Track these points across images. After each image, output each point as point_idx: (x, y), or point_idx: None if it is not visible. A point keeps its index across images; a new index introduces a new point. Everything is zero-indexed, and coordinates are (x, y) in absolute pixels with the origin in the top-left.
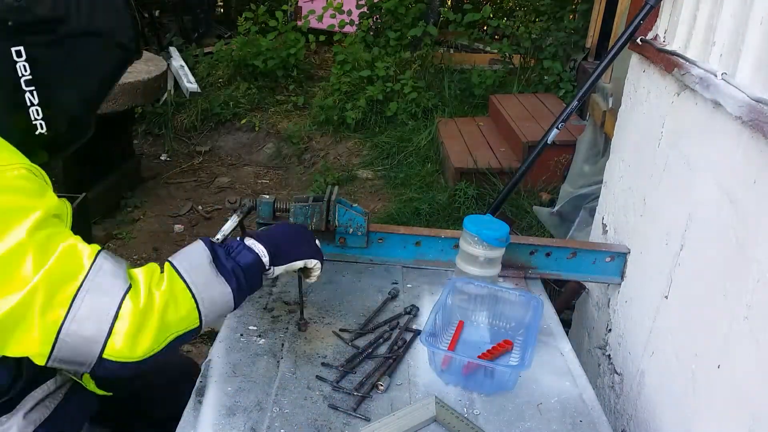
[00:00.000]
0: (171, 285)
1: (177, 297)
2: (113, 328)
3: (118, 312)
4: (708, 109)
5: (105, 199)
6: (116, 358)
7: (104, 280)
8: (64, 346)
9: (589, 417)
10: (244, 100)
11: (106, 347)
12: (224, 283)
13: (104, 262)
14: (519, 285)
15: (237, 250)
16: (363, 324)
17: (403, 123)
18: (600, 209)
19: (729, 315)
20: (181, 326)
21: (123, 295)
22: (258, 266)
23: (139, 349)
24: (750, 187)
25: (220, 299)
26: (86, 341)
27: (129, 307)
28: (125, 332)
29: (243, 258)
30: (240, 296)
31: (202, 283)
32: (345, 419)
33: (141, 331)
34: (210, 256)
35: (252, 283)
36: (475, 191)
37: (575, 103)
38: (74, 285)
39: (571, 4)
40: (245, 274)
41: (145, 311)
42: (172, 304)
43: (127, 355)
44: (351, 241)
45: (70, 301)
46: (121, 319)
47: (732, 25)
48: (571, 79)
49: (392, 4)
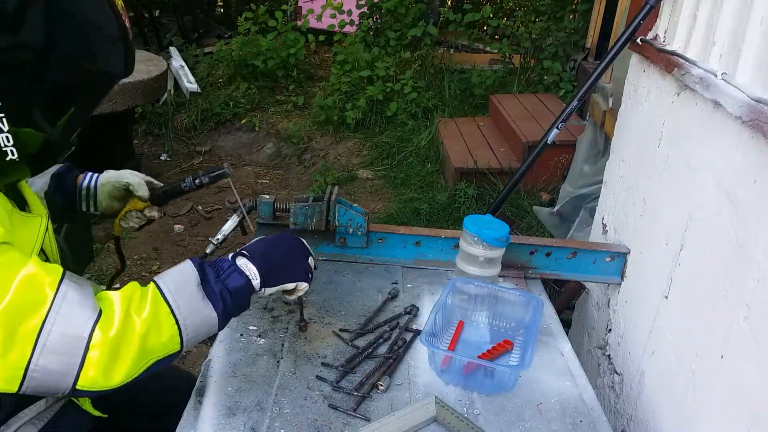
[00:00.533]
0: (155, 309)
1: (160, 323)
2: (85, 359)
3: (89, 343)
4: (708, 109)
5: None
6: (90, 387)
7: (71, 310)
8: (33, 381)
9: (589, 417)
10: (244, 100)
11: (80, 379)
12: (210, 308)
13: (68, 290)
14: (519, 285)
15: (227, 272)
16: (363, 324)
17: (403, 123)
18: (600, 209)
19: (729, 315)
20: (162, 351)
21: (93, 324)
22: (247, 289)
23: (116, 378)
24: (750, 187)
25: (205, 324)
26: (57, 375)
27: (99, 337)
28: (97, 362)
29: (233, 281)
30: (225, 320)
31: (188, 308)
32: (345, 419)
33: (116, 360)
34: (198, 278)
35: (239, 306)
36: (475, 191)
37: (575, 103)
38: (38, 318)
39: (571, 4)
40: (233, 298)
41: (119, 338)
42: (155, 331)
43: (102, 384)
44: (351, 241)
45: (35, 336)
46: (93, 349)
47: (732, 25)
48: (571, 79)
49: (392, 4)
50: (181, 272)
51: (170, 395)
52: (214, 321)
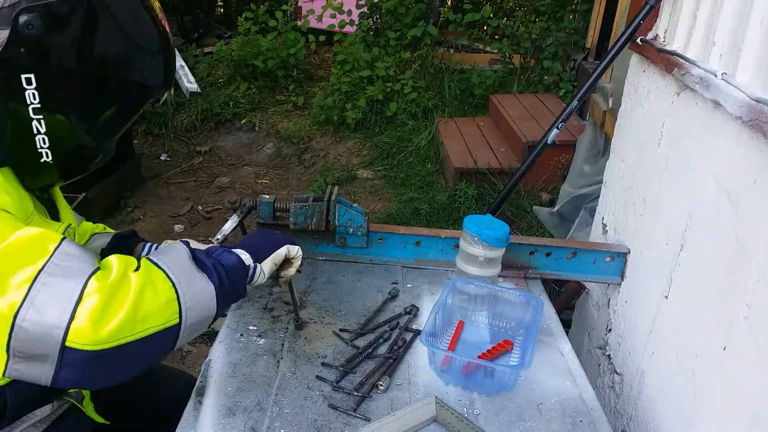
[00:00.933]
0: (148, 271)
1: (155, 282)
2: (76, 310)
3: (82, 293)
4: (708, 109)
5: (105, 199)
6: (80, 344)
7: (69, 263)
8: (21, 333)
9: (589, 417)
10: (244, 100)
11: (69, 332)
12: (206, 280)
13: (68, 246)
14: (519, 285)
15: (217, 252)
16: (363, 324)
17: (403, 123)
18: (600, 209)
19: (729, 315)
20: (160, 319)
21: (89, 275)
22: (241, 268)
23: (103, 329)
24: (750, 187)
25: (202, 296)
26: (46, 328)
27: (94, 285)
28: (90, 309)
29: (224, 258)
30: (222, 297)
31: (183, 276)
32: (345, 419)
33: (107, 308)
34: (189, 253)
35: (235, 285)
36: (475, 191)
37: (575, 103)
38: (34, 268)
39: (571, 4)
40: (227, 273)
41: (116, 288)
42: (150, 289)
43: (91, 337)
44: (351, 241)
45: (28, 285)
46: (86, 298)
47: (732, 25)
48: (571, 79)
49: (392, 4)
50: (171, 249)
51: (172, 402)
52: (211, 294)
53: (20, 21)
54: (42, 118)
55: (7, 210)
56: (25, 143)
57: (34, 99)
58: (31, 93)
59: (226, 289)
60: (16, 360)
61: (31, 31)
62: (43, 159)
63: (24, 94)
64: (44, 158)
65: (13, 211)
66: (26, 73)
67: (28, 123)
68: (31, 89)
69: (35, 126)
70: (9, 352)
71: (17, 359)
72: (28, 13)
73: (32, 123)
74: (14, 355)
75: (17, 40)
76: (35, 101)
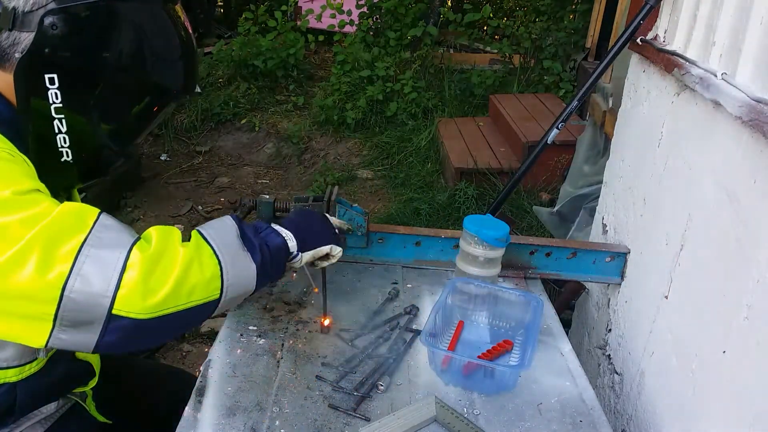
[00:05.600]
0: (198, 245)
1: (202, 258)
2: (122, 279)
3: (126, 263)
4: (708, 109)
5: (105, 199)
6: (127, 311)
7: (110, 235)
8: (69, 303)
9: (589, 417)
10: (244, 100)
11: (116, 300)
12: (249, 259)
13: (106, 219)
14: (519, 285)
15: (266, 231)
16: (363, 324)
17: (403, 123)
18: (600, 209)
19: (729, 315)
20: (203, 293)
21: (131, 246)
22: (284, 251)
23: (151, 299)
24: (750, 187)
25: (244, 274)
26: (93, 296)
27: (137, 256)
28: (135, 279)
29: (271, 239)
30: (262, 276)
31: (229, 254)
32: (345, 419)
33: (152, 278)
34: (238, 230)
35: (276, 266)
36: (475, 191)
37: (575, 103)
38: (77, 240)
39: (571, 4)
40: (272, 255)
41: (158, 258)
42: (197, 263)
43: (139, 304)
44: (351, 241)
45: (73, 256)
46: (130, 268)
47: (732, 25)
48: (571, 79)
49: (392, 4)
50: (222, 222)
51: (172, 402)
52: (252, 273)
53: (45, 22)
54: (63, 118)
55: (40, 190)
56: (47, 141)
57: (57, 98)
58: (53, 92)
59: (267, 269)
60: (61, 329)
61: (55, 32)
62: (63, 158)
63: (47, 93)
64: (65, 157)
65: (44, 192)
66: (49, 72)
67: (50, 121)
68: (53, 89)
69: (57, 125)
70: (56, 321)
71: (63, 328)
72: (53, 15)
73: (54, 122)
74: (60, 324)
75: (42, 41)
76: (57, 100)
